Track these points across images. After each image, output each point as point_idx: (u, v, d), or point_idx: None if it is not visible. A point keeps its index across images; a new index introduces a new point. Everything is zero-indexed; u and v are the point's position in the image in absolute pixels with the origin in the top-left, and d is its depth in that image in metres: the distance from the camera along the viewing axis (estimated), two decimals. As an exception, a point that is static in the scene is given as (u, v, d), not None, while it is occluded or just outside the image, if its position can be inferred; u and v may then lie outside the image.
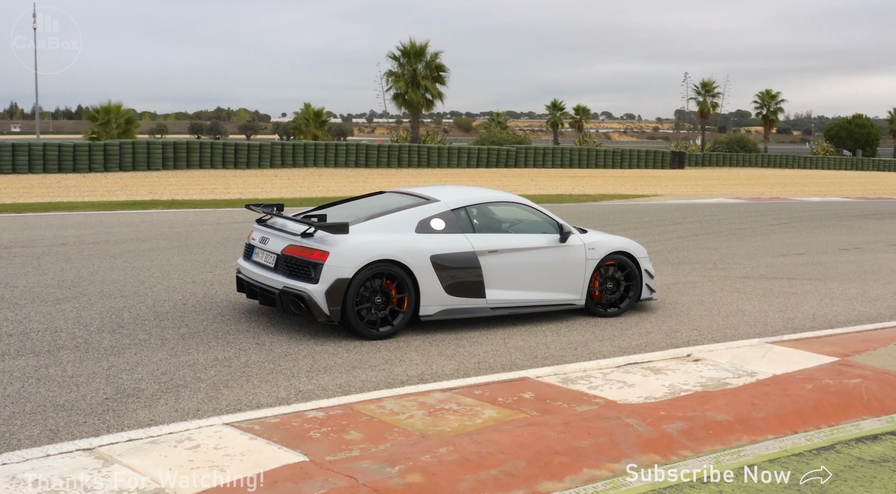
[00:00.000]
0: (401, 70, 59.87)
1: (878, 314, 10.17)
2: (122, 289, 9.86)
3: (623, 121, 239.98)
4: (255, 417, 5.85)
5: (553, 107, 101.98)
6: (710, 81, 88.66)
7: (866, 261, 14.55)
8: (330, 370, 7.14)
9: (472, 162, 50.07)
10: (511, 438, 5.35)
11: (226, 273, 11.10)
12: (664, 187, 36.76)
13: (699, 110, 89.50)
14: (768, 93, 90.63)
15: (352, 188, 28.89)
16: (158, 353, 7.37)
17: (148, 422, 5.74)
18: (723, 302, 10.52)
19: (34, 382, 6.45)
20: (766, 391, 6.64)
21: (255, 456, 5.06)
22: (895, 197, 33.61)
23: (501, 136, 71.83)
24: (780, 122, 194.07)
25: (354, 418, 5.86)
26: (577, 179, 40.42)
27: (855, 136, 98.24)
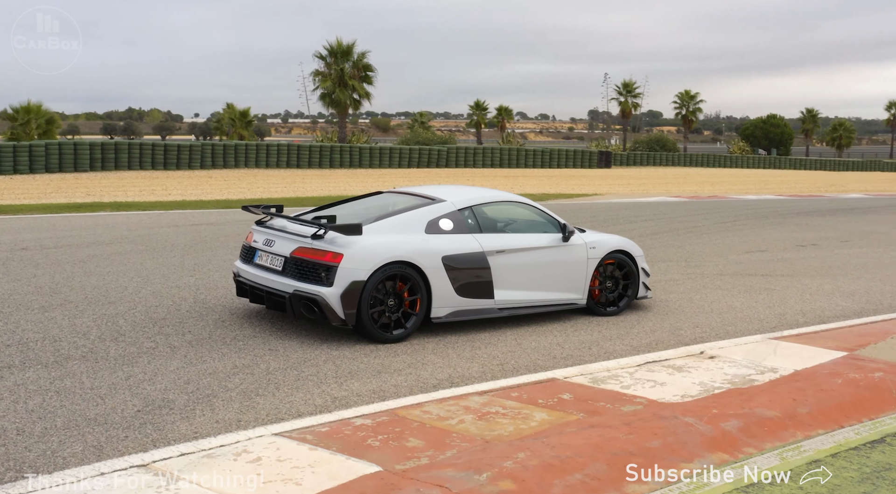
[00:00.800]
0: (328, 70, 59.32)
1: (861, 308, 10.41)
2: (106, 295, 9.44)
3: (538, 121, 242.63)
4: (302, 426, 5.65)
5: (476, 107, 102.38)
6: (632, 82, 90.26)
7: (827, 257, 14.92)
8: (356, 375, 6.95)
9: (403, 162, 49.90)
10: (582, 441, 5.26)
11: (207, 277, 10.74)
12: (598, 185, 37.20)
13: (621, 110, 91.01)
14: (687, 93, 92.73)
15: (293, 189, 28.46)
16: (172, 361, 7.06)
17: (192, 435, 5.47)
18: (711, 299, 10.63)
19: (54, 395, 6.10)
20: (801, 386, 6.70)
21: (326, 467, 4.87)
22: (824, 195, 34.65)
23: (426, 136, 71.84)
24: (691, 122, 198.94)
25: (405, 424, 5.70)
26: (511, 179, 40.60)
27: (770, 135, 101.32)
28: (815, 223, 21.27)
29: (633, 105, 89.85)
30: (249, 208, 9.01)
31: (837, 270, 13.46)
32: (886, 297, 11.19)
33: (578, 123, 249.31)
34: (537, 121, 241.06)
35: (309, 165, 44.90)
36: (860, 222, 21.93)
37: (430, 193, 9.01)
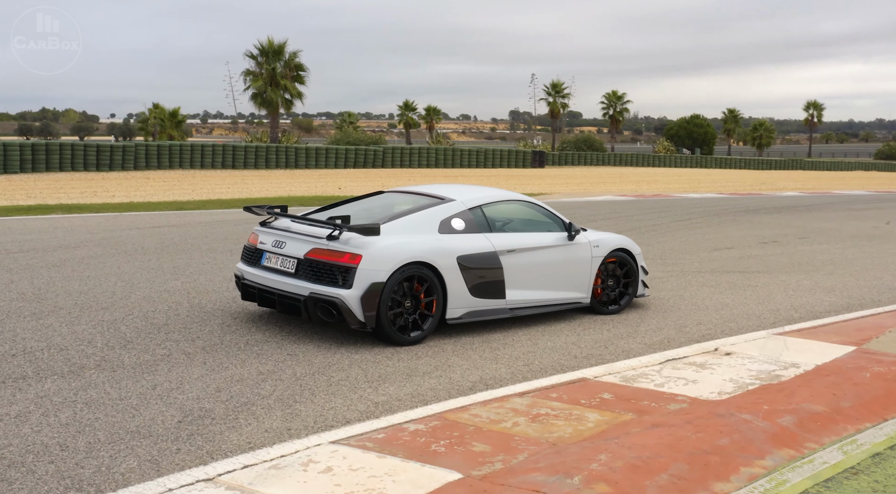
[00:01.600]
0: (259, 69, 58.49)
1: (846, 303, 10.62)
2: (97, 300, 9.05)
3: (459, 121, 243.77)
4: (356, 433, 5.47)
5: (405, 107, 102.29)
6: (560, 82, 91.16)
7: (793, 254, 15.23)
8: (387, 379, 6.77)
9: (339, 162, 49.50)
10: (654, 441, 5.20)
11: (193, 280, 10.40)
12: (538, 185, 37.38)
13: (550, 111, 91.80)
14: (615, 94, 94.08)
15: (237, 190, 27.92)
16: (193, 369, 6.78)
17: (245, 445, 5.24)
18: (701, 296, 10.72)
19: (83, 407, 5.79)
20: (833, 381, 6.77)
21: (405, 476, 4.71)
22: (762, 193, 35.48)
23: (356, 136, 71.44)
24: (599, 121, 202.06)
25: (460, 428, 5.57)
26: (452, 179, 40.60)
27: (693, 135, 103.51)
28: (767, 221, 21.73)
29: (561, 105, 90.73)
30: (252, 209, 8.74)
31: (808, 266, 13.73)
32: (864, 292, 11.44)
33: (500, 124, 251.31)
34: (459, 121, 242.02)
35: (244, 165, 44.15)
36: (809, 219, 22.49)
37: (438, 192, 8.87)
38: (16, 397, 5.94)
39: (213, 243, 13.85)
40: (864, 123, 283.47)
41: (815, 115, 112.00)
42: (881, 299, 10.98)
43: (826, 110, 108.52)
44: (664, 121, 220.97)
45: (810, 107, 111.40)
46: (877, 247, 16.60)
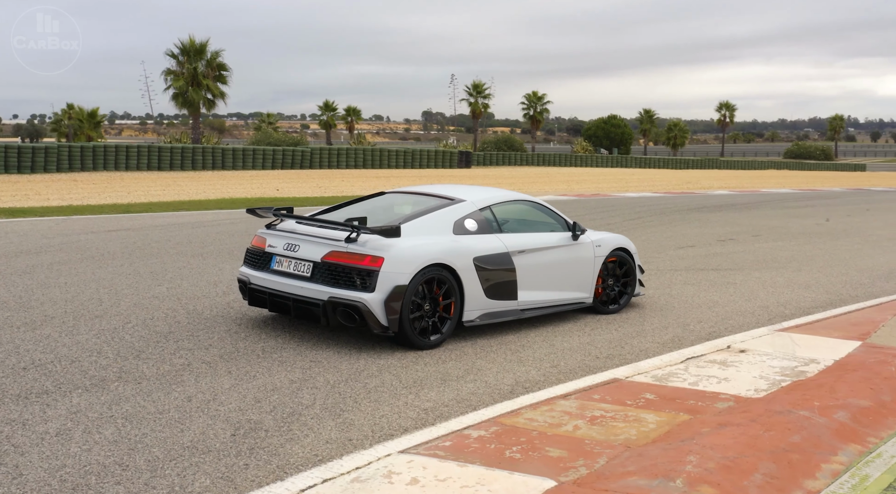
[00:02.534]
0: (180, 69, 57.20)
1: (828, 299, 10.87)
2: (86, 309, 8.62)
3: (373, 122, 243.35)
4: (420, 441, 5.31)
5: (325, 108, 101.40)
6: (481, 83, 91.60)
7: (755, 251, 15.55)
8: (423, 384, 6.61)
9: (267, 163, 48.70)
10: (730, 441, 5.18)
11: (178, 286, 10.01)
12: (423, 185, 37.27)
13: (471, 111, 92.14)
14: (535, 94, 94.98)
15: (173, 192, 27.16)
16: (220, 379, 6.50)
17: (314, 458, 5.03)
18: (689, 294, 10.82)
19: (124, 422, 5.47)
20: (864, 375, 6.88)
21: (498, 485, 4.57)
22: (695, 192, 36.20)
23: (277, 137, 70.50)
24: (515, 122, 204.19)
25: (523, 433, 5.46)
26: (384, 180, 40.30)
27: (611, 135, 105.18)
28: (714, 219, 22.16)
29: (482, 106, 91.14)
30: (256, 212, 8.45)
31: (774, 263, 14.02)
32: (838, 288, 11.72)
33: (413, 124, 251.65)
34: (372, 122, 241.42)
35: (170, 167, 43.04)
36: (752, 217, 23.01)
37: (445, 192, 8.73)
38: (46, 413, 5.58)
39: (179, 247, 13.39)
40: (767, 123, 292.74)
41: (726, 115, 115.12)
42: (857, 294, 11.26)
43: (723, 111, 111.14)
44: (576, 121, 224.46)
45: (723, 107, 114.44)
46: (829, 244, 17.07)
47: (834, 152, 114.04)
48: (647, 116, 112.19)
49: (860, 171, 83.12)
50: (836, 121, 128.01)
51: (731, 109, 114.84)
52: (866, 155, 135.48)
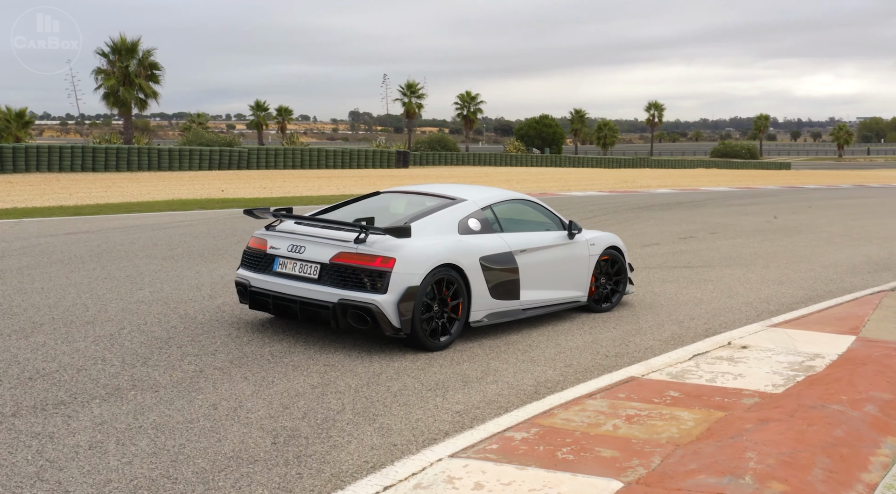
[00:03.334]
0: (111, 68, 55.82)
1: (806, 295, 11.08)
2: (74, 315, 8.30)
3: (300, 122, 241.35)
4: (466, 445, 5.23)
5: (257, 108, 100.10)
6: (415, 83, 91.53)
7: (718, 248, 15.79)
8: (446, 387, 6.52)
9: (204, 164, 48.00)
10: (777, 436, 5.21)
11: (158, 289, 9.71)
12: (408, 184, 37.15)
13: (405, 111, 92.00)
14: (468, 94, 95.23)
15: (117, 194, 26.47)
16: (239, 385, 6.30)
17: (365, 465, 4.91)
18: (671, 292, 10.92)
19: (156, 432, 5.26)
20: (875, 369, 7.00)
21: (566, 487, 4.51)
22: (639, 191, 36.68)
23: (209, 137, 69.37)
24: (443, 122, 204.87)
25: (566, 434, 5.42)
26: (326, 180, 39.93)
27: (543, 135, 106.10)
28: (667, 217, 22.46)
29: (416, 106, 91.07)
30: (253, 212, 8.23)
31: (740, 260, 14.25)
32: (810, 283, 11.97)
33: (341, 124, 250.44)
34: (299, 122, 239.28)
35: (105, 168, 41.99)
36: (703, 215, 23.39)
37: (445, 192, 8.63)
38: (70, 425, 5.33)
39: (147, 250, 13.01)
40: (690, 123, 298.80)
41: (655, 115, 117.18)
42: (830, 289, 11.49)
43: (652, 111, 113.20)
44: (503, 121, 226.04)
45: (651, 107, 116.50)
46: (786, 241, 17.43)
47: (759, 151, 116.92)
48: (578, 116, 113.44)
49: (785, 169, 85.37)
50: (761, 120, 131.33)
51: (659, 108, 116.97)
52: (789, 154, 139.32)
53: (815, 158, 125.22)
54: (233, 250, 13.28)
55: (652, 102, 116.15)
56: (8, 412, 5.52)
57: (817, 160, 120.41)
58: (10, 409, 5.57)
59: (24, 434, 5.13)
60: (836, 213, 25.37)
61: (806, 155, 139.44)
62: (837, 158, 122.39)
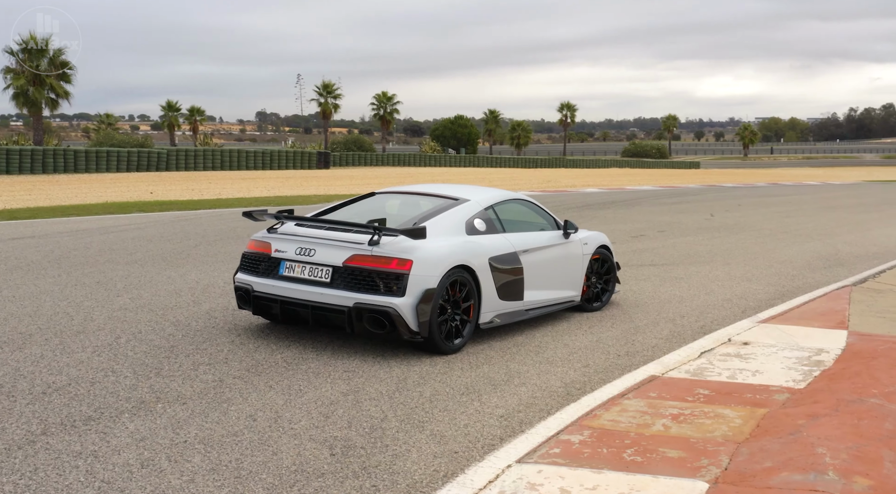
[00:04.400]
0: (21, 67, 53.71)
1: (776, 291, 11.32)
2: (60, 324, 7.88)
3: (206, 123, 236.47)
4: (527, 450, 5.15)
5: (169, 108, 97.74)
6: (331, 83, 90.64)
7: (673, 246, 16.05)
8: (477, 390, 6.41)
9: (122, 166, 46.66)
10: (836, 431, 5.28)
11: (137, 295, 9.32)
12: (339, 186, 36.77)
13: (321, 111, 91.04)
14: (385, 95, 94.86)
15: (41, 197, 25.44)
16: (268, 395, 6.06)
17: (434, 474, 4.77)
18: (649, 291, 11.02)
19: (204, 447, 5.01)
20: (888, 363, 7.19)
21: (654, 490, 4.47)
22: (569, 190, 37.07)
23: (121, 138, 67.52)
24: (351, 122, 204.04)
25: (622, 435, 5.39)
26: (250, 181, 39.26)
27: (458, 135, 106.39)
28: (609, 216, 22.75)
29: (332, 106, 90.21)
30: (252, 214, 7.95)
31: (698, 257, 14.51)
32: (775, 279, 12.25)
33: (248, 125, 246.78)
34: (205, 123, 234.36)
35: (19, 170, 40.43)
36: (643, 214, 23.76)
37: (447, 192, 8.51)
38: (110, 442, 5.03)
39: (105, 255, 12.49)
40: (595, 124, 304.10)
41: (568, 115, 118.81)
42: (797, 285, 11.78)
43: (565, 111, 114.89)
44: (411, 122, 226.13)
45: (564, 108, 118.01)
46: (733, 238, 17.83)
47: (668, 151, 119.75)
48: (493, 117, 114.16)
49: (695, 168, 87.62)
50: (669, 120, 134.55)
51: (572, 109, 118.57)
52: (696, 153, 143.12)
53: (721, 158, 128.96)
54: (195, 253, 12.86)
55: (564, 103, 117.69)
56: (37, 430, 5.17)
57: (724, 159, 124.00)
58: (38, 427, 5.22)
59: (64, 454, 4.81)
60: (767, 211, 26.09)
61: (712, 154, 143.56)
62: (743, 157, 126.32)
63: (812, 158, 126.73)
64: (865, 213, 25.89)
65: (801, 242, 17.28)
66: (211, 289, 9.88)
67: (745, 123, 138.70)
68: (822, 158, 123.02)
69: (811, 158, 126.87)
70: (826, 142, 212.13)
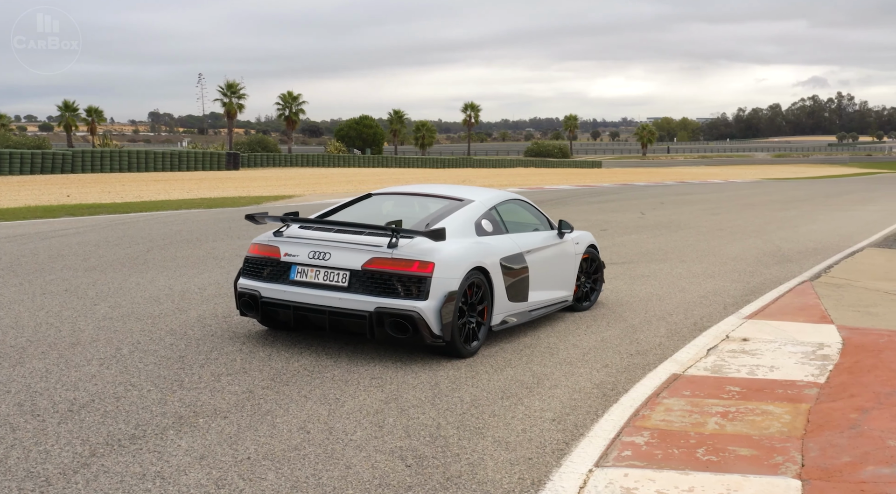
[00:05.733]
0: None
1: (744, 288, 11.58)
2: (50, 337, 7.42)
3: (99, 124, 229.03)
4: (597, 453, 5.09)
5: (65, 108, 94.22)
6: (236, 83, 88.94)
7: (622, 245, 16.28)
8: (515, 394, 6.32)
9: (25, 168, 44.79)
10: (892, 423, 5.35)
11: (118, 305, 8.87)
12: (264, 187, 36.09)
13: (226, 111, 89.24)
14: (290, 95, 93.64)
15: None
16: (308, 405, 5.84)
17: (521, 482, 4.65)
18: (625, 289, 11.12)
19: (273, 463, 4.77)
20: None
21: (751, 490, 4.45)
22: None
23: (16, 139, 64.77)
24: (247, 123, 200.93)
25: (682, 435, 5.41)
26: (164, 184, 38.10)
27: (363, 136, 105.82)
28: (547, 215, 22.86)
29: (237, 106, 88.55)
30: (255, 217, 7.66)
31: (652, 255, 14.74)
32: (735, 276, 12.54)
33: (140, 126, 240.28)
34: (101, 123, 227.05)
35: None
36: (573, 213, 24.03)
37: (449, 192, 8.38)
38: (169, 461, 4.73)
39: (59, 261, 11.87)
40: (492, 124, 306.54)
41: (472, 115, 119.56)
42: (759, 281, 12.09)
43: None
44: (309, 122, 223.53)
45: (468, 108, 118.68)
46: (675, 236, 18.20)
47: (570, 150, 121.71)
48: (397, 117, 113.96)
49: (597, 167, 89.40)
50: (570, 120, 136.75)
51: (475, 109, 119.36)
52: (596, 153, 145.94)
53: (621, 157, 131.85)
54: (151, 258, 12.36)
55: (468, 103, 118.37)
56: (83, 451, 4.83)
57: (623, 159, 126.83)
58: (83, 448, 4.88)
59: (127, 476, 4.50)
60: (691, 209, 26.74)
61: (611, 154, 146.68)
62: (642, 156, 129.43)
63: (707, 157, 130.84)
64: (784, 211, 26.79)
65: (741, 239, 17.74)
66: (189, 295, 9.50)
67: (644, 124, 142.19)
68: (717, 157, 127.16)
69: (706, 157, 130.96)
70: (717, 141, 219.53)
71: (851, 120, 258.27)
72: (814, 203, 31.01)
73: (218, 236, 15.57)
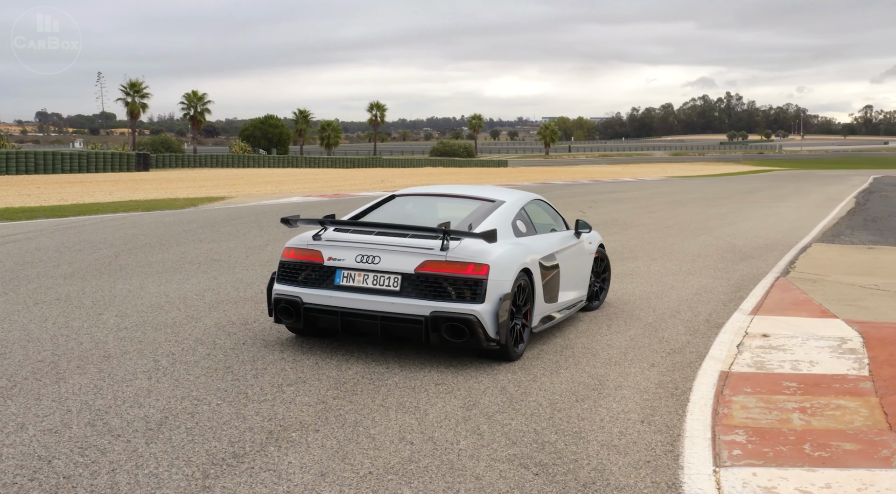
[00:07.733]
0: None
1: (729, 285, 11.85)
2: (71, 351, 6.99)
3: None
4: (708, 455, 5.08)
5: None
6: (139, 82, 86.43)
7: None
8: (582, 396, 6.28)
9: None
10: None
11: (122, 315, 8.44)
12: (182, 189, 35.06)
13: (129, 111, 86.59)
14: (195, 94, 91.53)
15: None
16: (389, 415, 5.67)
17: (655, 486, 4.59)
18: (616, 287, 11.20)
19: (399, 478, 4.61)
20: (923, 348, 7.60)
21: (882, 485, 4.51)
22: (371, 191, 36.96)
23: None
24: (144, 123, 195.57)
25: (779, 433, 5.48)
26: (80, 185, 36.76)
27: (268, 135, 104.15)
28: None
29: (141, 106, 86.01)
30: (289, 220, 7.41)
31: (621, 254, 14.94)
32: (712, 273, 12.83)
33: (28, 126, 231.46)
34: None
35: None
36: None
37: (479, 193, 8.27)
38: (292, 479, 4.51)
39: (35, 268, 11.23)
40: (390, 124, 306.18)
41: (378, 115, 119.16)
42: (737, 278, 12.36)
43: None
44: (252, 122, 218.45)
45: (374, 108, 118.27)
46: (628, 233, 18.49)
47: (475, 150, 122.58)
48: (303, 117, 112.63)
49: (503, 167, 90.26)
50: (475, 120, 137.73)
51: (381, 109, 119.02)
52: (499, 152, 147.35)
53: (524, 156, 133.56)
54: (126, 264, 11.83)
55: (374, 103, 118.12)
56: (193, 473, 4.55)
57: (527, 158, 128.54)
58: (192, 470, 4.60)
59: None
60: (625, 207, 27.22)
61: (514, 153, 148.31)
62: (545, 155, 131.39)
63: (608, 155, 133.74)
64: (713, 207, 27.54)
65: (692, 236, 18.13)
66: (191, 302, 9.13)
67: (546, 123, 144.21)
68: (617, 156, 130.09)
69: (607, 155, 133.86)
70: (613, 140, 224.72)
71: (740, 119, 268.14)
72: (736, 200, 31.98)
73: (179, 239, 15.04)
